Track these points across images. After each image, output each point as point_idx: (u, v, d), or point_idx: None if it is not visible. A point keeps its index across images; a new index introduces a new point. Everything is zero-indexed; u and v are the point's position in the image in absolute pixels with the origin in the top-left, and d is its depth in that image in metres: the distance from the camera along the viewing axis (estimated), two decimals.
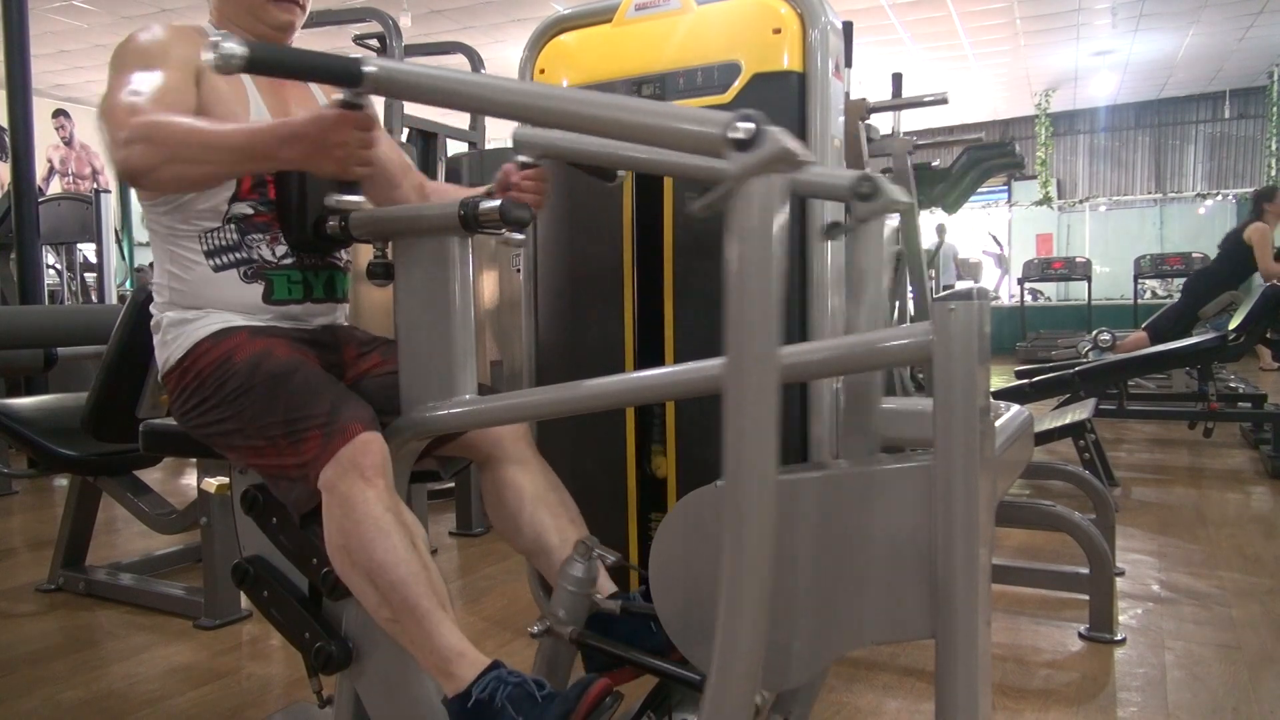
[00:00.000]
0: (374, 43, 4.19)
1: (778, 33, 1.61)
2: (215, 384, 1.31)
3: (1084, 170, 13.81)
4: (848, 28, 2.01)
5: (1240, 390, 4.67)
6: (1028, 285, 11.09)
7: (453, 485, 3.31)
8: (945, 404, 0.92)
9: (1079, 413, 3.70)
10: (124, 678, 2.03)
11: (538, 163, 1.39)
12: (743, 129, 0.79)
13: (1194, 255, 9.68)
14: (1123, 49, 10.46)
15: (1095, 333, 6.41)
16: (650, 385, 1.14)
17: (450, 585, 2.65)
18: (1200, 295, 5.54)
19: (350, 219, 1.33)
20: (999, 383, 4.71)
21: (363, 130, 1.11)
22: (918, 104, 3.36)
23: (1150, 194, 13.37)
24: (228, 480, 1.45)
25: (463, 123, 4.63)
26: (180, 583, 2.55)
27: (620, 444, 1.78)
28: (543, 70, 1.87)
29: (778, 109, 1.63)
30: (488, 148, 4.63)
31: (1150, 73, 11.58)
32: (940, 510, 0.94)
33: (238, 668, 2.08)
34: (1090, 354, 6.01)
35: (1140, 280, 10.12)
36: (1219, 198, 12.84)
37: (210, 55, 0.93)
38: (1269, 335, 4.49)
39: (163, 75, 1.30)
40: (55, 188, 10.73)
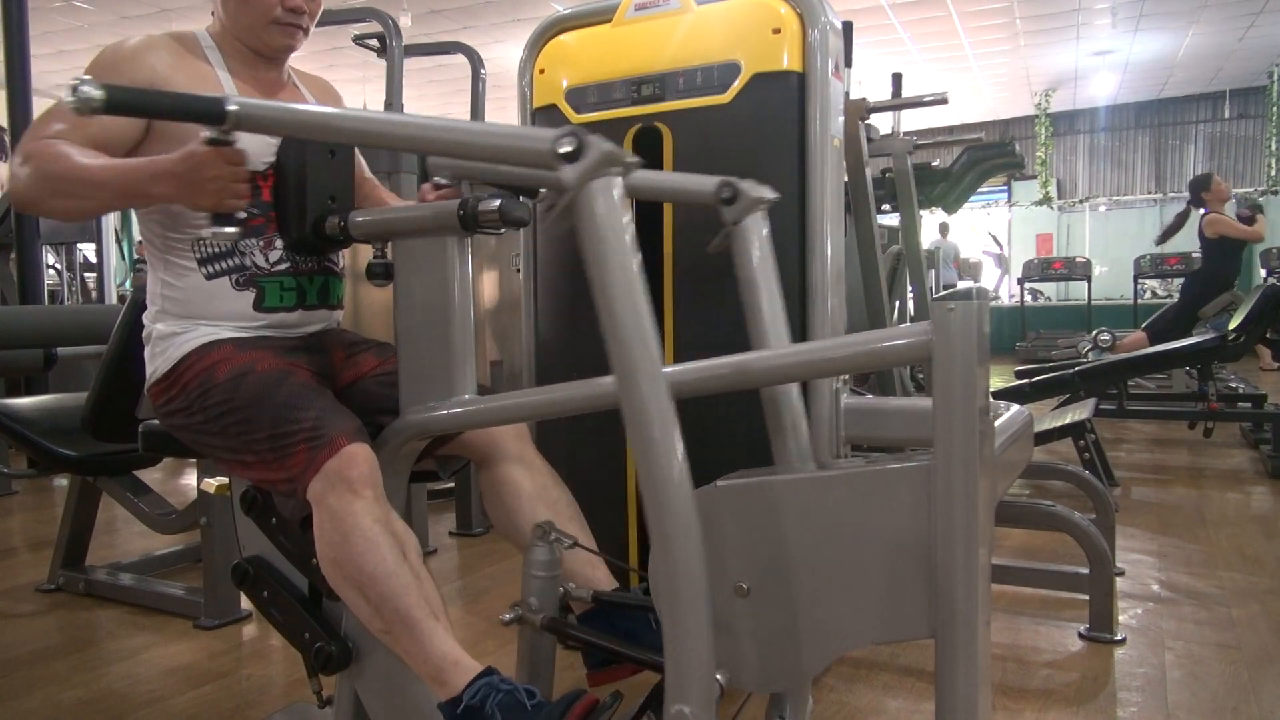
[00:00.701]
0: (374, 43, 4.18)
1: (777, 33, 1.61)
2: (199, 398, 1.31)
3: (1084, 170, 13.81)
4: (847, 28, 2.01)
5: (1240, 390, 4.67)
6: (1027, 285, 11.08)
7: (452, 485, 3.31)
8: (945, 404, 0.92)
9: (1079, 413, 3.70)
10: (124, 678, 2.03)
11: (451, 183, 1.43)
12: (567, 142, 0.89)
13: (1194, 255, 9.67)
14: (1123, 49, 10.46)
15: (1095, 333, 6.41)
16: None
17: (450, 585, 2.65)
18: (1196, 296, 5.55)
19: (349, 219, 1.33)
20: (999, 383, 4.71)
21: (233, 164, 1.16)
22: (917, 104, 3.35)
23: (1150, 194, 13.38)
24: (228, 480, 1.45)
25: None
26: (180, 583, 2.55)
27: (620, 444, 1.78)
28: (542, 70, 1.87)
29: (777, 109, 1.64)
30: None
31: (1150, 73, 11.58)
32: (940, 510, 0.94)
33: (237, 668, 2.08)
34: (1090, 354, 6.02)
35: (1140, 280, 10.12)
36: None
37: (70, 99, 0.96)
38: (1269, 335, 4.49)
39: None
40: None
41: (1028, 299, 11.33)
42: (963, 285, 9.91)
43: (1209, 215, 5.56)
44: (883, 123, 3.72)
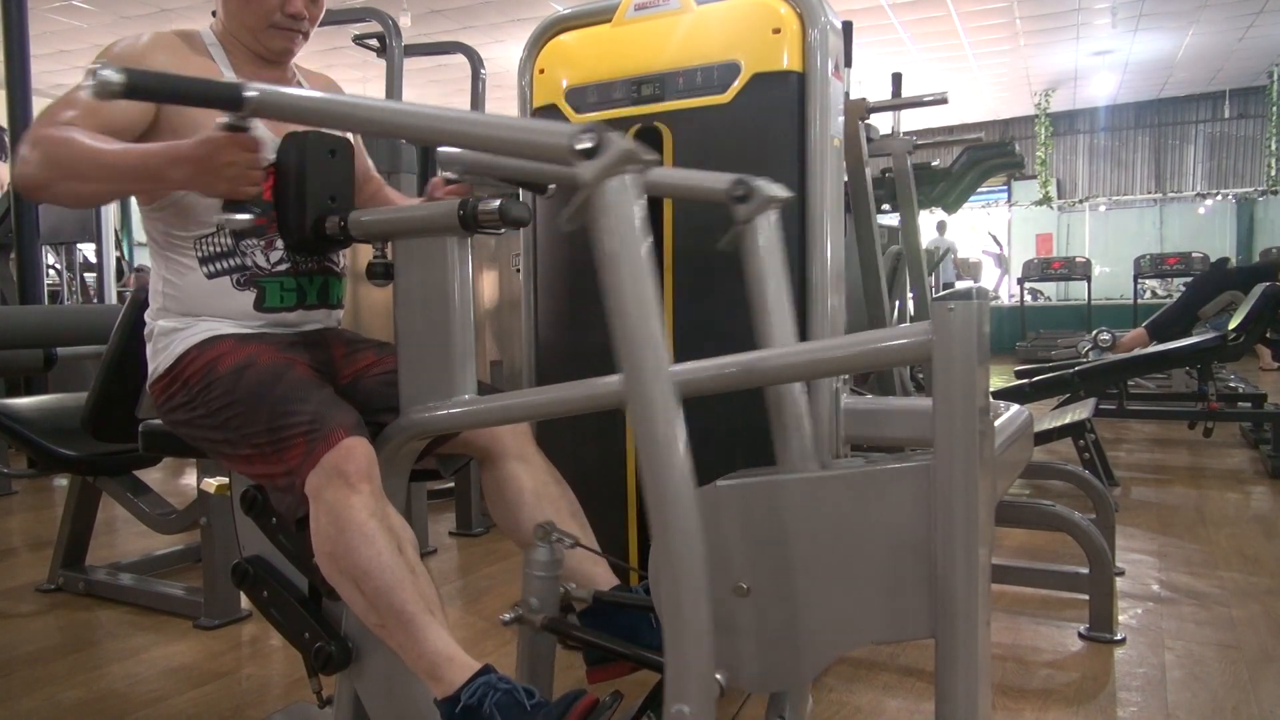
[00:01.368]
0: (374, 43, 4.18)
1: (777, 33, 1.62)
2: (200, 393, 1.31)
3: (1084, 170, 13.82)
4: (847, 28, 2.01)
5: (1240, 390, 4.67)
6: (1027, 285, 11.09)
7: (452, 485, 3.31)
8: (945, 404, 0.92)
9: (1079, 413, 3.70)
10: (124, 678, 2.03)
11: (462, 179, 1.43)
12: (586, 138, 0.87)
13: (1194, 255, 9.69)
14: (1122, 49, 10.47)
15: (1095, 332, 6.41)
16: None
17: (450, 585, 2.65)
18: (1200, 295, 5.42)
19: (350, 219, 1.33)
20: (999, 383, 4.71)
21: (248, 151, 1.17)
22: (917, 104, 3.35)
23: (1150, 194, 13.39)
24: (227, 480, 1.45)
25: None
26: (180, 583, 2.55)
27: (621, 442, 1.78)
28: (542, 70, 1.87)
29: (777, 109, 1.64)
30: None
31: (1150, 73, 11.58)
32: (940, 510, 0.94)
33: (237, 668, 2.08)
34: (1090, 354, 6.01)
35: (1140, 280, 10.13)
36: (1219, 198, 12.86)
37: (89, 83, 0.96)
38: (1269, 335, 4.49)
39: None
40: None
41: (1027, 299, 11.34)
42: (962, 285, 9.92)
43: None
44: (883, 123, 3.72)
